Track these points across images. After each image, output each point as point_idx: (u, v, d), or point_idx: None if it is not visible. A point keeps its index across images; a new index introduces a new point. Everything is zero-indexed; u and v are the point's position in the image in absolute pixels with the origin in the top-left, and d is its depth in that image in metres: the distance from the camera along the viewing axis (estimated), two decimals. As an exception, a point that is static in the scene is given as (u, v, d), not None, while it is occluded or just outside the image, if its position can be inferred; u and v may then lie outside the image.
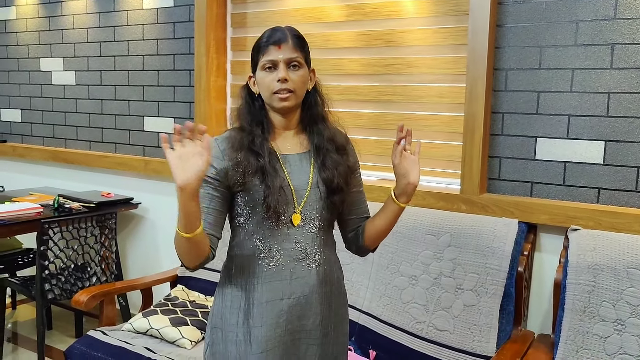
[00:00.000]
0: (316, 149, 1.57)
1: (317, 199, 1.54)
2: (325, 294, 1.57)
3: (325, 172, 1.55)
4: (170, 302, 2.64)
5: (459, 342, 2.17)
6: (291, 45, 1.51)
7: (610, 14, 2.11)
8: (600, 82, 2.15)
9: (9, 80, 4.17)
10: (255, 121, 1.55)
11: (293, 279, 1.52)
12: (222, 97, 3.20)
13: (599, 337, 1.93)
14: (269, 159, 1.50)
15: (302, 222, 1.53)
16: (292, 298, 1.52)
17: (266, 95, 1.53)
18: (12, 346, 3.38)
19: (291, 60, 1.50)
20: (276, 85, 1.49)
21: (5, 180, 4.16)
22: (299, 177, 1.54)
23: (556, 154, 2.25)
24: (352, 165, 1.63)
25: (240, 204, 1.52)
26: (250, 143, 1.51)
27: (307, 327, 1.55)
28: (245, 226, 1.53)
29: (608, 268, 1.96)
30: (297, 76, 1.51)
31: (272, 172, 1.49)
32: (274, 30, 1.53)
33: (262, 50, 1.51)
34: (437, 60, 2.53)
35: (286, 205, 1.50)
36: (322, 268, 1.56)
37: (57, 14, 3.82)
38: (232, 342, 1.52)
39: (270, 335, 1.50)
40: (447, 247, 2.27)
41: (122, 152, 3.59)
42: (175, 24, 3.26)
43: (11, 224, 2.93)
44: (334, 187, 1.55)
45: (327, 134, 1.59)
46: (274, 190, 1.47)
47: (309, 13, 2.85)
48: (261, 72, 1.52)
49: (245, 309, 1.52)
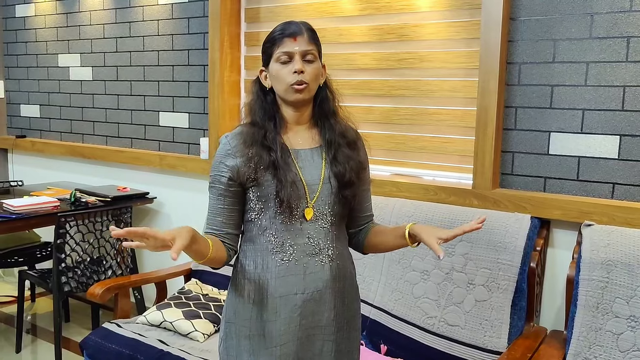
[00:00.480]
0: (327, 144, 1.57)
1: (329, 194, 1.54)
2: (339, 289, 1.58)
3: (337, 166, 1.55)
4: (184, 295, 2.67)
5: (470, 337, 2.16)
6: (306, 38, 1.51)
7: (626, 6, 2.08)
8: (616, 75, 2.12)
9: (28, 76, 4.23)
10: (267, 116, 1.55)
11: (307, 274, 1.52)
12: (236, 92, 3.21)
13: (612, 333, 1.91)
14: (280, 153, 1.50)
15: (315, 217, 1.53)
16: (306, 293, 1.52)
17: (281, 87, 1.52)
18: (31, 337, 3.44)
19: (306, 52, 1.51)
20: (292, 77, 1.49)
21: (24, 174, 4.24)
22: (311, 172, 1.54)
23: (570, 149, 2.23)
24: (362, 160, 1.63)
25: (253, 199, 1.52)
26: (263, 138, 1.51)
27: (321, 323, 1.55)
28: (258, 221, 1.53)
29: (622, 264, 1.93)
30: (312, 69, 1.51)
31: (284, 167, 1.49)
32: (288, 23, 1.53)
33: (277, 42, 1.51)
34: (450, 54, 2.51)
35: (298, 200, 1.50)
36: (335, 263, 1.57)
37: (74, 10, 3.87)
38: (246, 337, 1.53)
39: (284, 329, 1.51)
40: (458, 242, 2.26)
41: (137, 147, 3.63)
42: (189, 19, 3.28)
43: (29, 218, 2.98)
44: (346, 181, 1.55)
45: (339, 129, 1.59)
46: (286, 184, 1.47)
47: (321, 7, 2.85)
48: (276, 64, 1.51)
49: (259, 303, 1.52)
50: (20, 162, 4.33)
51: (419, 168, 2.65)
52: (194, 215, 3.32)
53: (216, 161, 1.54)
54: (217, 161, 1.54)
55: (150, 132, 3.56)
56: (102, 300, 2.51)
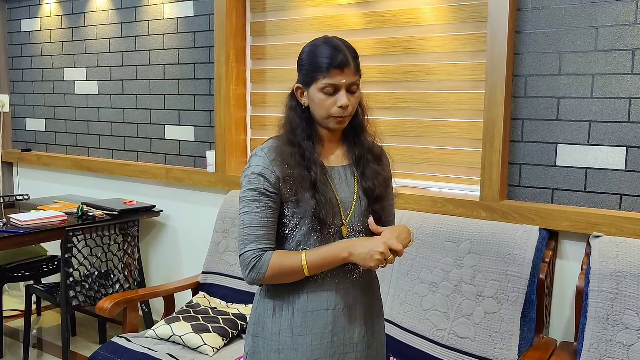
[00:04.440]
0: (356, 160, 1.58)
1: (361, 211, 1.55)
2: (368, 305, 1.59)
3: (367, 182, 1.56)
4: (192, 308, 2.67)
5: (480, 349, 2.17)
6: (352, 69, 1.47)
7: (631, 19, 2.10)
8: (621, 87, 2.14)
9: (33, 90, 4.26)
10: (305, 134, 1.52)
11: (338, 290, 1.52)
12: (241, 105, 3.23)
13: (623, 345, 1.91)
14: (320, 173, 1.49)
15: (348, 234, 1.54)
16: (337, 309, 1.52)
17: (322, 115, 1.49)
18: (37, 352, 3.44)
19: (352, 84, 1.48)
20: (336, 110, 1.47)
21: (30, 188, 4.25)
22: (344, 190, 1.55)
23: (577, 160, 2.24)
24: (387, 176, 1.65)
25: (288, 214, 1.51)
26: (301, 157, 1.49)
27: (353, 340, 1.55)
28: (291, 237, 1.52)
29: (631, 275, 1.94)
30: (355, 99, 1.50)
31: (323, 186, 1.49)
32: (336, 51, 1.46)
33: (324, 72, 1.45)
34: (456, 67, 2.53)
35: (333, 218, 1.50)
36: (364, 279, 1.58)
37: (80, 24, 3.90)
38: (275, 351, 1.52)
39: (316, 344, 1.50)
40: (467, 254, 2.26)
41: (143, 160, 3.64)
42: (195, 33, 3.31)
43: (36, 232, 2.99)
44: (376, 196, 1.56)
45: (367, 144, 1.60)
46: (325, 203, 1.47)
47: (327, 21, 2.87)
48: (318, 93, 1.47)
49: (289, 318, 1.51)
50: (26, 176, 4.34)
51: (426, 180, 2.66)
52: (200, 228, 3.33)
53: (254, 173, 1.49)
54: (256, 173, 1.48)
55: (156, 145, 3.57)
56: (111, 314, 2.52)
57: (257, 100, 3.21)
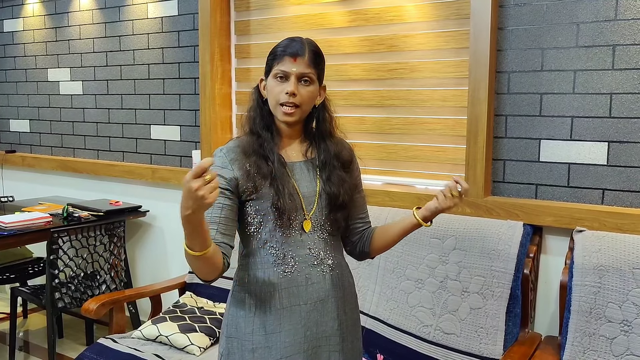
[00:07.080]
0: (322, 164, 1.59)
1: (324, 205, 1.56)
2: (340, 298, 1.59)
3: (332, 187, 1.56)
4: (179, 309, 2.66)
5: (466, 345, 2.18)
6: (306, 60, 1.50)
7: (611, 15, 2.12)
8: (602, 83, 2.16)
9: (17, 91, 4.22)
10: (265, 126, 1.56)
11: (309, 285, 1.53)
12: (227, 104, 3.23)
13: (606, 338, 1.93)
14: (277, 164, 1.51)
15: (313, 229, 1.55)
16: (309, 304, 1.53)
17: (272, 103, 1.53)
18: (24, 355, 3.41)
19: (303, 75, 1.50)
20: (283, 97, 1.50)
21: (15, 189, 4.21)
22: (306, 185, 1.56)
23: (560, 156, 2.26)
24: (357, 183, 1.67)
25: (251, 212, 1.52)
26: (260, 147, 1.52)
27: (326, 334, 1.56)
28: (257, 235, 1.53)
29: (614, 269, 1.96)
30: (306, 91, 1.51)
31: (281, 177, 1.50)
32: (292, 41, 1.52)
33: (277, 59, 1.51)
34: (440, 64, 2.54)
35: (296, 211, 1.51)
36: (335, 272, 1.58)
37: (63, 24, 3.87)
38: (249, 350, 1.52)
39: (290, 341, 1.51)
40: (452, 250, 2.27)
41: (129, 160, 3.62)
42: (179, 32, 3.30)
43: (21, 234, 2.96)
44: (339, 203, 1.57)
45: (334, 150, 1.60)
46: (284, 195, 1.48)
47: (311, 19, 2.87)
48: (272, 79, 1.52)
49: (262, 316, 1.52)
50: (11, 177, 4.31)
51: (412, 177, 2.67)
52: (187, 227, 3.31)
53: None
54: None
55: (142, 146, 3.56)
56: (97, 315, 2.50)
57: (242, 100, 3.21)
